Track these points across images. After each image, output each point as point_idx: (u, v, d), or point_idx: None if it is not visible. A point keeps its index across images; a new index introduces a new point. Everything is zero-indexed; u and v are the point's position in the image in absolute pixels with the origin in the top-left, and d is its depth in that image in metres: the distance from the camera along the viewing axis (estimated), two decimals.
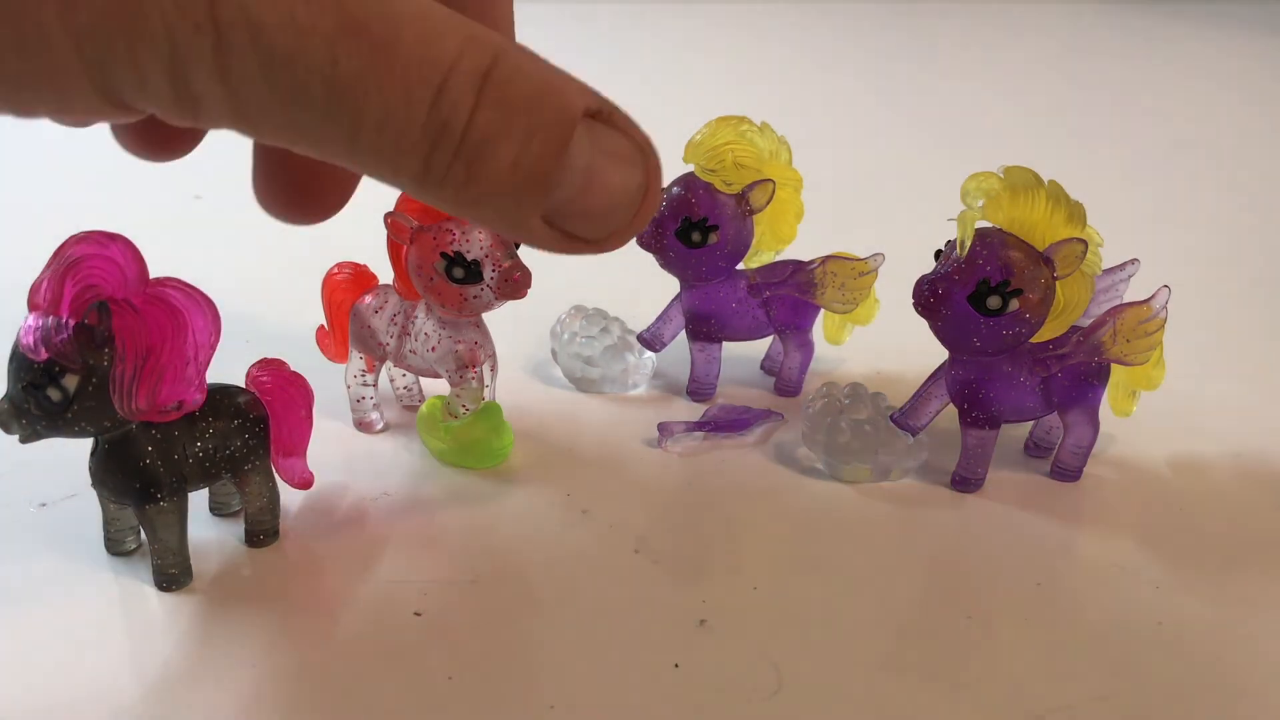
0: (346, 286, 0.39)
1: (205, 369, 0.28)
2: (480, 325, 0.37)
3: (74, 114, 0.18)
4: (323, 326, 0.40)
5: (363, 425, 0.39)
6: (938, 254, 0.34)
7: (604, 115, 0.22)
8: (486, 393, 0.37)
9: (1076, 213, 0.33)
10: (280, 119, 0.19)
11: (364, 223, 0.34)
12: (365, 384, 0.39)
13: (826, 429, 0.37)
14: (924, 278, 0.34)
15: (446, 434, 0.37)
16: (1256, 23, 1.49)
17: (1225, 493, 0.38)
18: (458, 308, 0.35)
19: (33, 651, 0.28)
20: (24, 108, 0.18)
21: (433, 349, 0.37)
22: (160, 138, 0.27)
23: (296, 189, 0.29)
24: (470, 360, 0.36)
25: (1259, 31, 1.45)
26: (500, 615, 0.30)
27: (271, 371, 0.32)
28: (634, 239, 0.25)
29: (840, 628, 0.30)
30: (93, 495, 0.30)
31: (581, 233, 0.23)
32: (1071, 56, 1.31)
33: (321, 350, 0.40)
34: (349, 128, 0.19)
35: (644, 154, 0.23)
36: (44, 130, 0.23)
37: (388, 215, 0.35)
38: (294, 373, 0.32)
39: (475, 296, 0.35)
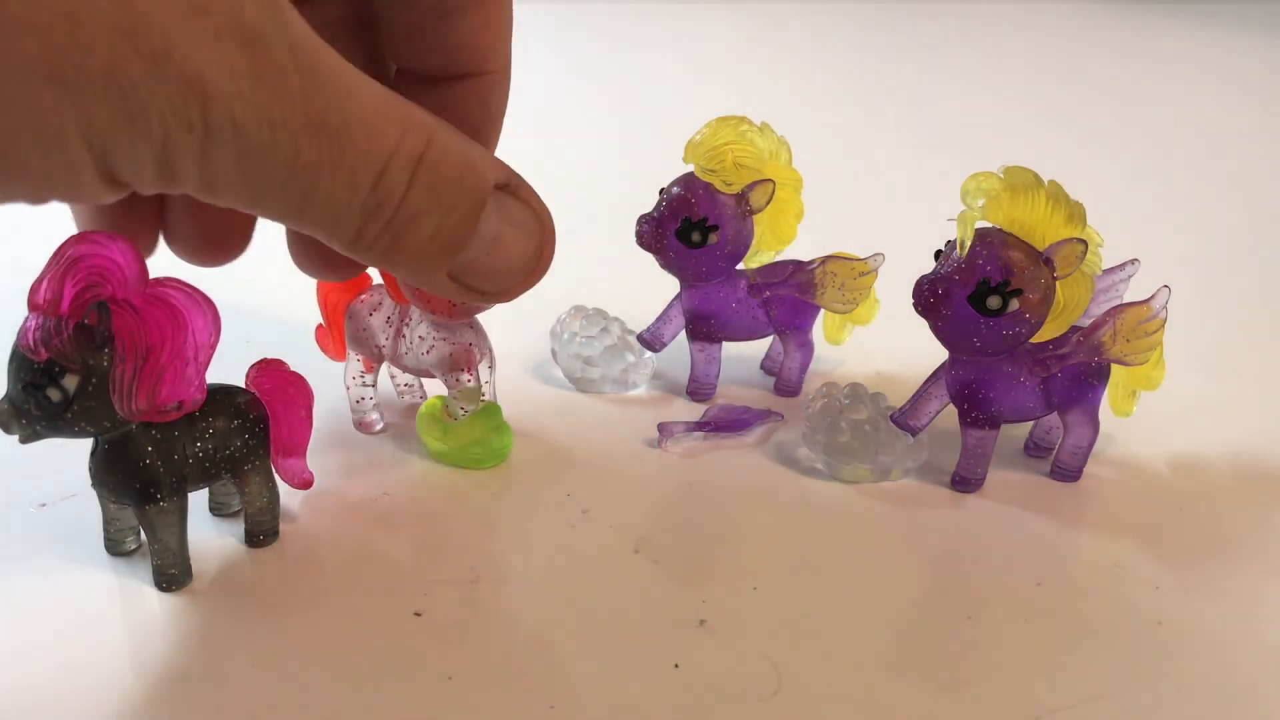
0: (340, 288, 0.39)
1: (205, 369, 0.28)
2: (475, 325, 0.37)
3: (81, 199, 0.21)
4: (321, 325, 0.40)
5: (363, 425, 0.39)
6: (938, 254, 0.34)
7: (510, 187, 0.26)
8: (486, 389, 0.37)
9: (1076, 213, 0.33)
10: (242, 194, 0.22)
11: None
12: (364, 384, 0.39)
13: (826, 429, 0.37)
14: (924, 278, 0.34)
15: (446, 434, 0.37)
16: (1256, 23, 1.49)
17: (1225, 493, 0.38)
18: (447, 314, 0.35)
19: (33, 651, 0.28)
20: (41, 197, 0.20)
21: (427, 351, 0.37)
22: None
23: (330, 258, 0.32)
24: (465, 363, 0.36)
25: (1259, 31, 1.45)
26: (500, 615, 0.30)
27: (271, 371, 0.32)
28: (534, 285, 0.29)
29: (840, 628, 0.30)
30: (93, 495, 0.30)
31: (481, 287, 0.27)
32: (1071, 56, 1.31)
33: (322, 349, 0.40)
34: (299, 203, 0.22)
35: (541, 223, 0.27)
36: None
37: None
38: (294, 373, 0.32)
39: (463, 302, 0.35)
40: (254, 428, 0.31)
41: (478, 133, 0.31)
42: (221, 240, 0.31)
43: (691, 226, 0.39)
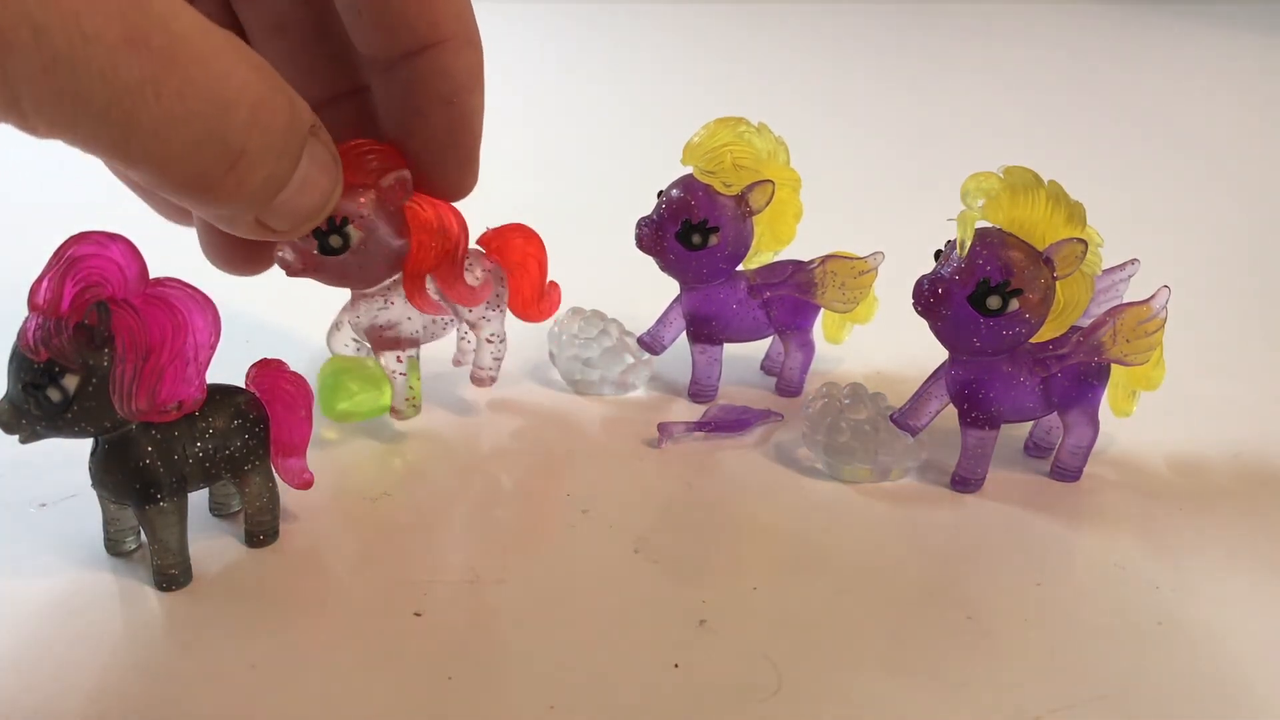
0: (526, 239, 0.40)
1: (205, 369, 0.28)
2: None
3: None
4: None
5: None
6: (938, 254, 0.34)
7: (314, 129, 0.26)
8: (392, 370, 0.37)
9: (1076, 213, 0.33)
10: (56, 117, 0.20)
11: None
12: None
13: (826, 429, 0.37)
14: (924, 278, 0.34)
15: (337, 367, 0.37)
16: (1256, 23, 1.49)
17: (1225, 493, 0.38)
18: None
19: (33, 651, 0.28)
20: None
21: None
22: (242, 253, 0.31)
23: (238, 248, 0.32)
24: (382, 343, 0.37)
25: (1259, 31, 1.45)
26: (500, 615, 0.30)
27: (271, 371, 0.32)
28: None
29: (840, 628, 0.30)
30: (93, 495, 0.30)
31: (278, 226, 0.27)
32: (1071, 57, 1.31)
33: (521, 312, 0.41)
34: (123, 132, 0.21)
35: (337, 164, 0.27)
36: None
37: None
38: (294, 373, 0.32)
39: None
40: (254, 428, 0.31)
41: (449, 105, 0.31)
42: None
43: (691, 229, 0.39)
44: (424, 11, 0.29)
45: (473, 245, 0.38)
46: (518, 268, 0.39)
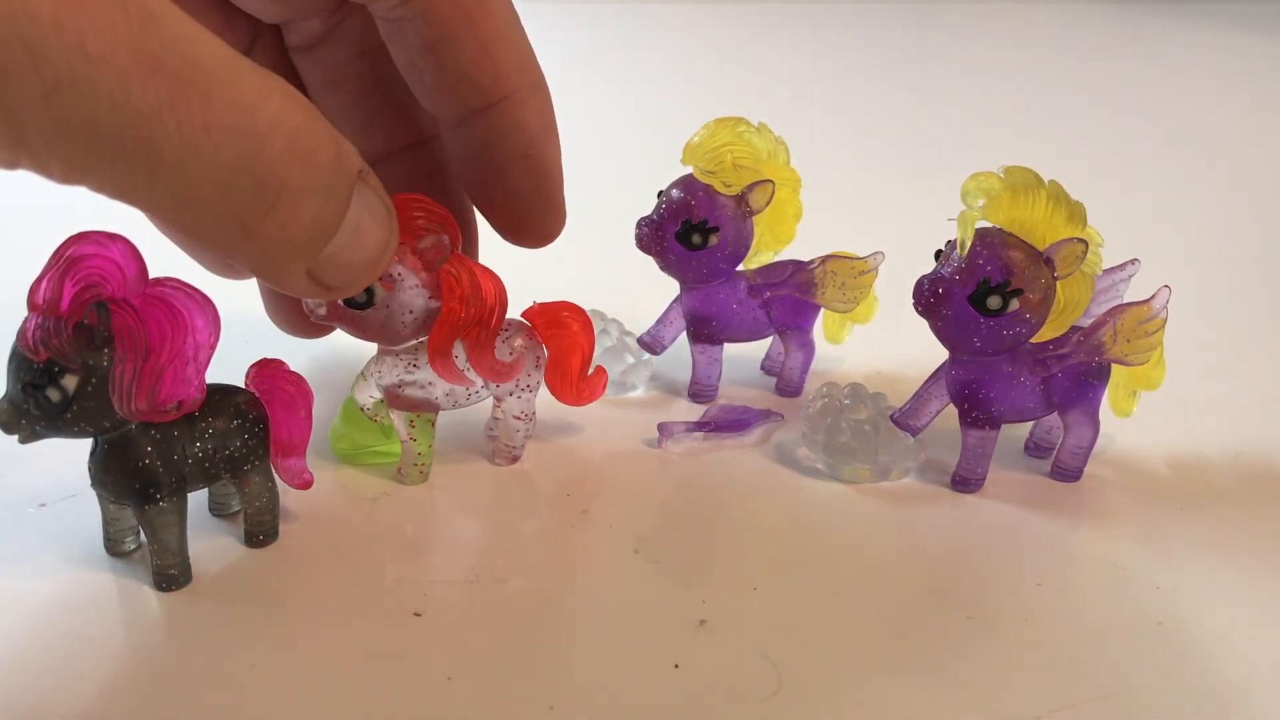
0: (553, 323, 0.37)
1: (205, 369, 0.28)
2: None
3: None
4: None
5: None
6: (938, 254, 0.34)
7: (364, 175, 0.24)
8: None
9: (1076, 213, 0.33)
10: (68, 153, 0.18)
11: None
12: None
13: (826, 429, 0.37)
14: (924, 278, 0.34)
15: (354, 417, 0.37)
16: (1256, 23, 1.49)
17: (1225, 493, 0.38)
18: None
19: (32, 651, 0.28)
20: None
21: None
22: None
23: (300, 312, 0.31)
24: (399, 403, 0.35)
25: (1259, 31, 1.45)
26: (500, 615, 0.30)
27: (271, 371, 0.32)
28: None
29: (840, 628, 0.30)
30: (93, 495, 0.30)
31: (332, 282, 0.25)
32: (1071, 57, 1.31)
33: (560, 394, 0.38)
34: (145, 168, 0.19)
35: (390, 213, 0.25)
36: None
37: None
38: (294, 373, 0.32)
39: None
40: (254, 428, 0.31)
41: (525, 157, 0.30)
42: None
43: (692, 229, 0.39)
44: (486, 66, 0.28)
45: (517, 317, 0.36)
46: (563, 353, 0.37)
